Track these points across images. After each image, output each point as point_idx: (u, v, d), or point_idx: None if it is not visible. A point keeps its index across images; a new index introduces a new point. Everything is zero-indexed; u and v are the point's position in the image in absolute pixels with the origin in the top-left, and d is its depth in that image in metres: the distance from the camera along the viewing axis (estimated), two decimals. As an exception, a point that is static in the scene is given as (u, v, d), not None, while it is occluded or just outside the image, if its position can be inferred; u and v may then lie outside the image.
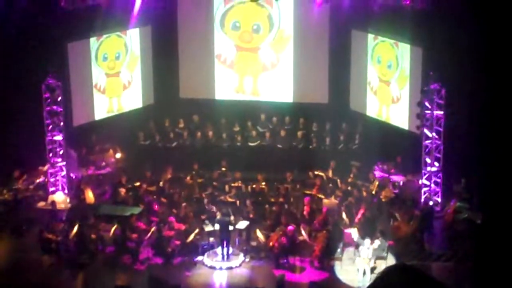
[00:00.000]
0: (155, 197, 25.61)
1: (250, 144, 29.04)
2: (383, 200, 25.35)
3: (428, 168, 25.27)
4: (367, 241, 21.90)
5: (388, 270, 7.22)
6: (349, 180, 26.53)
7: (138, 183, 26.31)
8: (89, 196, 25.81)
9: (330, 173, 26.75)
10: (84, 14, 26.81)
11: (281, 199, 25.35)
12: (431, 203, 25.03)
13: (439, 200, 25.31)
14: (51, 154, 26.09)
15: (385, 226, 23.64)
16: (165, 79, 30.53)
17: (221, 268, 22.35)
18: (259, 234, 23.28)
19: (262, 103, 30.22)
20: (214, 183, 26.38)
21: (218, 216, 23.39)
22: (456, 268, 22.09)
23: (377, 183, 25.94)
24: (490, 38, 23.63)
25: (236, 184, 26.29)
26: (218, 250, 22.77)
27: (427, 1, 25.10)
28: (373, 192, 25.60)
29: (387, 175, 26.46)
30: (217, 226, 23.04)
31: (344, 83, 29.37)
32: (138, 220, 23.65)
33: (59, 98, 25.72)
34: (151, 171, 27.01)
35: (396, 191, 25.69)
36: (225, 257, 22.57)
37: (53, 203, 25.27)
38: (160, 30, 30.08)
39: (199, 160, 27.63)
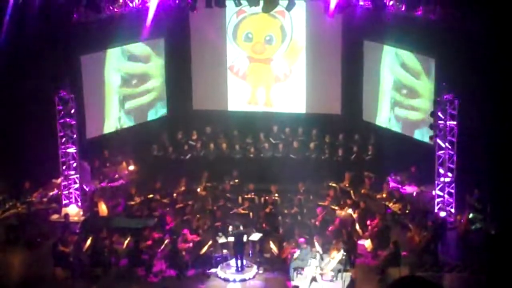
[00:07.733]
0: (168, 209, 25.64)
1: (263, 156, 28.96)
2: (397, 211, 25.31)
3: (442, 179, 25.15)
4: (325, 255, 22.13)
5: (397, 282, 7.17)
6: (363, 191, 26.51)
7: (151, 195, 26.33)
8: (102, 208, 25.80)
9: (346, 184, 26.71)
10: (97, 26, 26.85)
11: (294, 211, 25.31)
12: (444, 213, 24.95)
13: (452, 210, 25.17)
14: (64, 167, 26.10)
15: (399, 237, 23.57)
16: (178, 91, 30.62)
17: (234, 280, 22.33)
18: (272, 245, 23.25)
19: (274, 114, 30.23)
20: (227, 195, 26.37)
21: (231, 228, 23.39)
22: (470, 280, 21.98)
23: (384, 195, 25.94)
24: (502, 48, 23.59)
25: (249, 196, 26.25)
26: (232, 262, 22.76)
27: (439, 12, 25.05)
28: (386, 203, 25.56)
29: (400, 186, 26.41)
30: (231, 238, 23.06)
31: (357, 93, 29.34)
32: (152, 233, 23.66)
33: (72, 111, 25.74)
34: (164, 183, 27.03)
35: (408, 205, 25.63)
36: (239, 269, 22.55)
37: (67, 215, 25.23)
38: (173, 42, 30.17)
39: (212, 172, 27.63)
